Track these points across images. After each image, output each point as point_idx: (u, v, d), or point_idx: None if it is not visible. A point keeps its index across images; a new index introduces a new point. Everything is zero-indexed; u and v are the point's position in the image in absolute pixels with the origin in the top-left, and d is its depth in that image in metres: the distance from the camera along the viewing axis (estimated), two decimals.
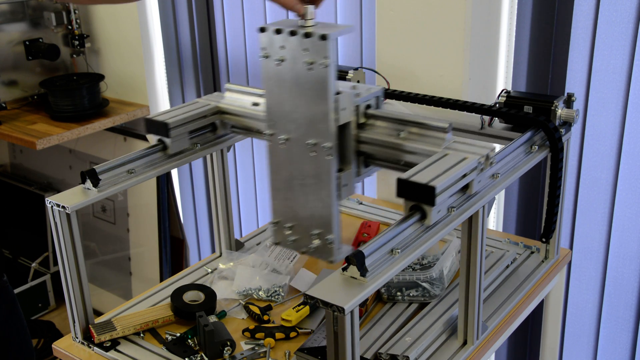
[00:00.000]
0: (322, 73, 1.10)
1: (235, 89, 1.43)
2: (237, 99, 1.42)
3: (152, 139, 1.36)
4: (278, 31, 1.12)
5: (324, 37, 1.08)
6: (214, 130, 1.44)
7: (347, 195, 1.22)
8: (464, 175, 1.08)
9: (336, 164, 1.17)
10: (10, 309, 1.69)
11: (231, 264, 1.50)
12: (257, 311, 1.35)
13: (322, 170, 1.16)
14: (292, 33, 1.10)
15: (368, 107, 1.22)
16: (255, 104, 1.39)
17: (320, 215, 1.19)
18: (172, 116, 1.35)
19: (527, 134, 1.27)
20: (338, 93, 1.13)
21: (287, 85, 1.15)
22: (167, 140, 1.34)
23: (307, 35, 1.09)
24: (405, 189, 1.03)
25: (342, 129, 1.17)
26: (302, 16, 1.11)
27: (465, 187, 1.10)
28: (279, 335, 1.28)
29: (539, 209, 1.80)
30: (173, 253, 2.57)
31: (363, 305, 1.33)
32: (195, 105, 1.41)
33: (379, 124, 1.21)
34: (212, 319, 1.32)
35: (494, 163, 1.14)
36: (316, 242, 1.20)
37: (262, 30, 1.14)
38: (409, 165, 1.16)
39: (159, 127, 1.33)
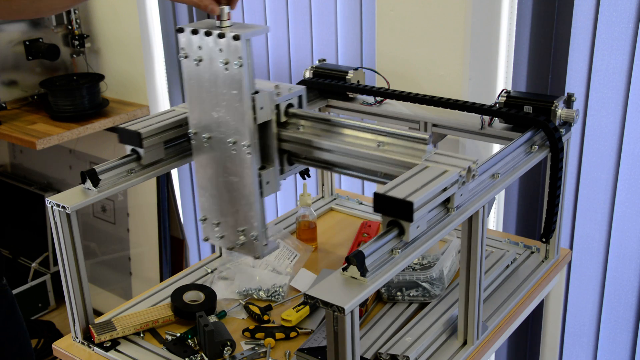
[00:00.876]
0: (237, 73, 1.13)
1: None
2: None
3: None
4: (194, 32, 1.15)
5: (236, 38, 1.10)
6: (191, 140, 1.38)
7: (271, 193, 1.23)
8: (445, 189, 1.03)
9: (257, 162, 1.19)
10: (9, 312, 1.69)
11: (231, 264, 1.50)
12: (257, 311, 1.35)
13: (243, 168, 1.19)
14: (207, 34, 1.13)
15: (290, 106, 1.23)
16: None
17: (244, 212, 1.22)
18: (146, 125, 1.30)
19: (527, 134, 1.27)
20: (256, 92, 1.16)
21: (206, 85, 1.18)
22: (141, 151, 1.29)
23: (221, 35, 1.12)
24: (382, 203, 0.99)
25: (263, 127, 1.20)
26: (218, 17, 1.14)
27: (447, 201, 1.06)
28: (279, 335, 1.28)
29: (539, 209, 1.80)
30: (173, 253, 2.57)
31: (363, 305, 1.33)
32: (171, 114, 1.36)
33: (302, 123, 1.23)
34: (212, 319, 1.32)
35: (477, 176, 1.10)
36: (242, 238, 1.24)
37: (180, 30, 1.17)
38: (383, 176, 1.16)
39: (132, 136, 1.28)
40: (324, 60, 1.68)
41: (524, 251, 1.51)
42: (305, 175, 1.70)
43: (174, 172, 2.62)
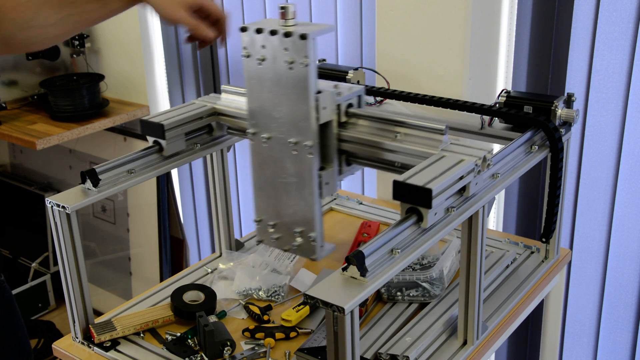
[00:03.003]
0: (302, 72, 1.12)
1: (232, 90, 1.42)
2: (233, 100, 1.41)
3: (151, 139, 1.36)
4: (259, 31, 1.14)
5: (303, 37, 1.09)
6: (211, 131, 1.43)
7: (329, 194, 1.22)
8: (461, 178, 1.07)
9: (318, 163, 1.18)
10: (7, 309, 1.69)
11: (231, 264, 1.50)
12: (257, 311, 1.35)
13: (304, 169, 1.18)
14: (273, 32, 1.12)
15: (350, 106, 1.23)
16: None
17: (303, 214, 1.20)
18: (168, 117, 1.34)
19: (527, 134, 1.27)
20: (319, 92, 1.15)
21: (268, 85, 1.16)
22: (163, 142, 1.33)
23: (287, 34, 1.10)
24: (402, 191, 1.02)
25: (324, 127, 1.19)
26: (283, 16, 1.12)
27: (463, 189, 1.09)
28: (279, 335, 1.28)
29: (539, 209, 1.80)
30: (173, 253, 2.57)
31: (363, 305, 1.33)
32: (191, 107, 1.41)
33: (361, 123, 1.22)
34: (212, 319, 1.32)
35: (491, 165, 1.13)
36: (299, 240, 1.22)
37: (243, 29, 1.16)
38: (400, 166, 1.17)
39: (155, 128, 1.33)
40: (324, 60, 1.68)
41: (524, 251, 1.51)
42: None
43: (174, 172, 2.62)
